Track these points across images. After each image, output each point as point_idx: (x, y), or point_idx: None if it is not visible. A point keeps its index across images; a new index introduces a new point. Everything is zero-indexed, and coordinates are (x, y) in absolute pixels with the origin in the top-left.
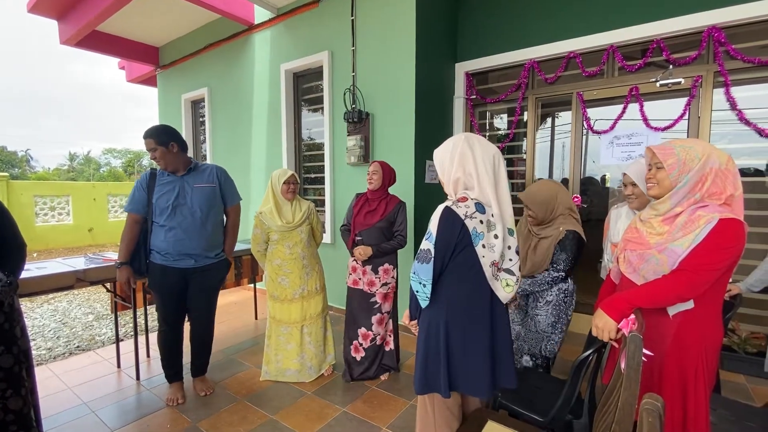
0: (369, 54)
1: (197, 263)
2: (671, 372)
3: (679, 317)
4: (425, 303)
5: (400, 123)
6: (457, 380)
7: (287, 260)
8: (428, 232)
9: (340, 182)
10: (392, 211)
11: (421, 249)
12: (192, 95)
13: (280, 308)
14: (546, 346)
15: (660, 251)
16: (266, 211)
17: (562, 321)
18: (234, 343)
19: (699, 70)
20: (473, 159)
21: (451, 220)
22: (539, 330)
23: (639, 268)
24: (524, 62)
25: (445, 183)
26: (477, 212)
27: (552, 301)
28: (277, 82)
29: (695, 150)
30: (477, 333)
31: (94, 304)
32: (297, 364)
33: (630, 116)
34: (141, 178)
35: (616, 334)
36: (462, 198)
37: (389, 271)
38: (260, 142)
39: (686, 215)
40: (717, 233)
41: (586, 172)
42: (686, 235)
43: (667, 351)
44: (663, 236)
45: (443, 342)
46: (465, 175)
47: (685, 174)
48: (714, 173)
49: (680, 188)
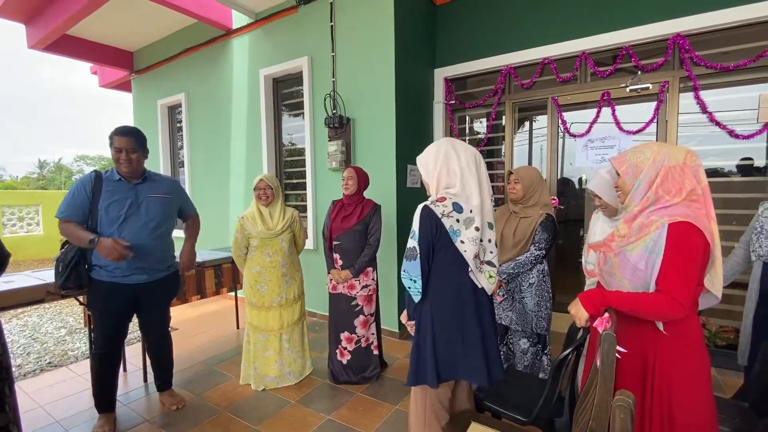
0: (349, 59)
1: (150, 277)
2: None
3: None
4: (418, 297)
5: (381, 128)
6: (447, 371)
7: (266, 268)
8: (412, 231)
9: (321, 187)
10: (368, 214)
11: (408, 247)
12: (168, 101)
13: (258, 315)
14: (536, 323)
15: (616, 254)
16: (248, 216)
17: (545, 299)
18: (215, 354)
19: (665, 76)
20: (457, 157)
21: (428, 218)
22: (528, 311)
23: (602, 269)
24: (501, 68)
25: (429, 184)
26: (454, 211)
27: (534, 283)
28: (256, 87)
29: (644, 152)
30: (464, 325)
31: (66, 318)
32: (276, 371)
33: (604, 120)
34: (83, 181)
35: (585, 324)
36: (441, 198)
37: (369, 273)
38: (240, 148)
39: (642, 218)
40: (671, 241)
41: (563, 174)
42: (638, 240)
43: (649, 349)
44: (623, 239)
45: (430, 334)
46: (449, 174)
47: (638, 176)
48: (665, 170)
49: (635, 190)
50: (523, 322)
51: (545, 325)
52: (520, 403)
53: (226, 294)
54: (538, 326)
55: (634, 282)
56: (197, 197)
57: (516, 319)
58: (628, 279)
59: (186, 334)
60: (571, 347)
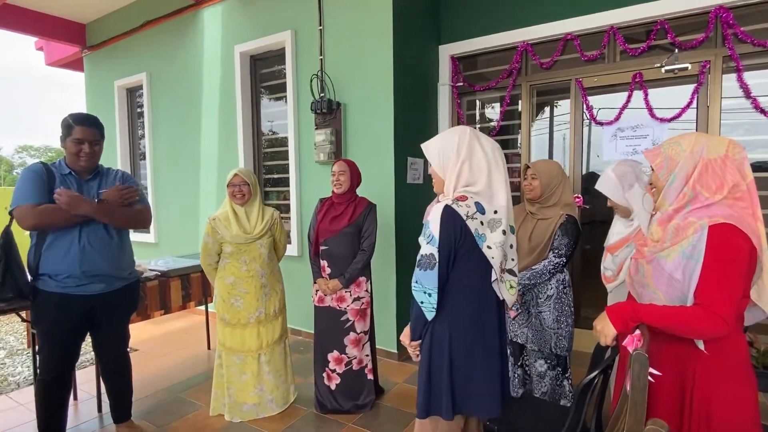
0: (339, 34)
1: (108, 287)
2: (698, 396)
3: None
4: (432, 314)
5: (377, 114)
6: (464, 400)
7: (242, 278)
8: (429, 235)
9: (307, 183)
10: (361, 215)
11: (422, 254)
12: (127, 82)
13: (232, 334)
14: (556, 342)
15: (648, 261)
16: (221, 217)
17: (566, 313)
18: (182, 379)
19: (707, 55)
20: (482, 150)
21: (451, 220)
22: (546, 327)
23: (633, 278)
24: (516, 45)
25: (444, 179)
26: (477, 212)
27: (552, 295)
28: (230, 66)
29: (681, 143)
30: (485, 345)
31: (5, 338)
32: (255, 398)
33: (635, 105)
34: (35, 170)
35: (611, 343)
36: (462, 197)
37: (362, 283)
38: (211, 137)
39: (679, 219)
40: (711, 246)
41: (589, 168)
42: (674, 245)
43: (689, 372)
44: (657, 244)
45: (447, 358)
46: (471, 169)
47: (673, 170)
48: (704, 163)
49: (670, 185)
50: (540, 340)
51: (566, 344)
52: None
53: (195, 309)
54: (557, 346)
55: (669, 294)
56: (161, 195)
57: (532, 337)
58: (663, 290)
59: (148, 356)
60: (597, 369)
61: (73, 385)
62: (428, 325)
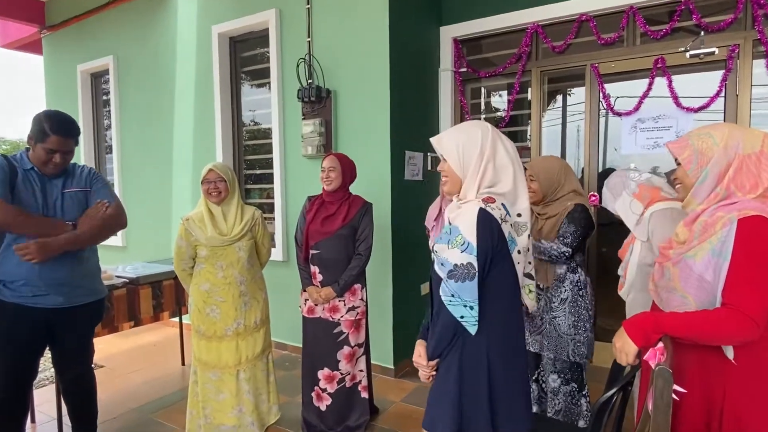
0: (329, 13)
1: (67, 301)
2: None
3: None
4: (475, 328)
5: (372, 103)
6: (504, 418)
7: (219, 285)
8: (463, 243)
9: (293, 180)
10: (356, 215)
11: (456, 264)
12: (91, 66)
13: (208, 347)
14: (573, 350)
15: (675, 263)
16: (195, 217)
17: (584, 318)
18: (153, 399)
19: (735, 38)
20: (504, 148)
21: (489, 225)
22: (561, 333)
23: (657, 283)
24: (526, 26)
25: (462, 178)
26: (507, 215)
27: (567, 299)
28: (207, 49)
29: (713, 136)
30: (520, 355)
31: None
32: (234, 419)
33: (657, 93)
34: None
35: (635, 361)
36: (490, 198)
37: (357, 291)
38: (186, 128)
39: (706, 216)
40: (740, 240)
41: (607, 163)
42: (701, 243)
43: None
44: (683, 245)
45: (485, 380)
46: (495, 168)
47: (704, 166)
48: (740, 160)
49: (701, 183)
50: (557, 347)
51: (585, 351)
52: None
53: (168, 320)
54: (576, 353)
55: (700, 297)
56: (129, 193)
57: (547, 345)
58: (693, 294)
59: (115, 373)
60: (616, 386)
61: (31, 406)
62: (455, 341)
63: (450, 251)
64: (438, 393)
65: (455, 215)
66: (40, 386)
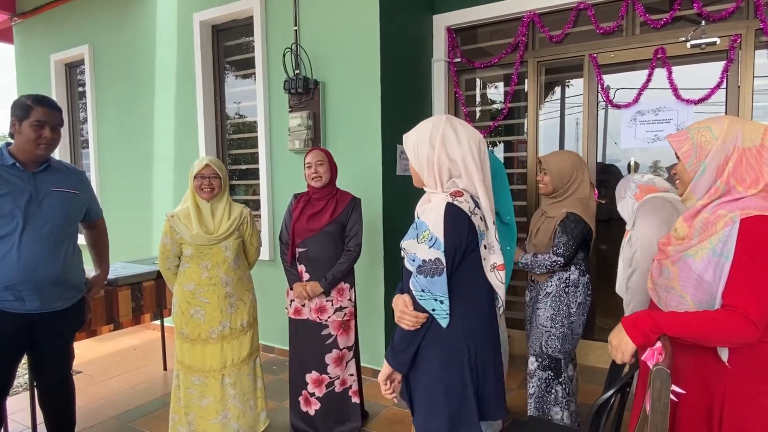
0: (317, 0)
1: (45, 305)
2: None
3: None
4: (447, 321)
5: (362, 95)
6: (488, 407)
7: (204, 285)
8: (430, 237)
9: (280, 176)
10: (344, 211)
11: (425, 260)
12: (66, 56)
13: (191, 351)
14: (546, 342)
15: (674, 261)
16: (181, 214)
17: (562, 314)
18: (133, 406)
19: (737, 28)
20: (458, 143)
21: (459, 219)
22: (538, 325)
23: (656, 282)
24: (522, 14)
25: (422, 172)
26: (476, 208)
27: (552, 293)
28: (189, 38)
29: (711, 129)
30: (495, 343)
31: None
32: (218, 426)
33: (657, 84)
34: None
35: (631, 360)
36: (458, 192)
37: (344, 291)
38: (167, 121)
39: (707, 212)
40: (743, 241)
41: (605, 157)
42: (702, 242)
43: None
44: (683, 242)
45: (468, 369)
46: (451, 161)
47: (702, 160)
48: (739, 153)
49: (699, 177)
50: (533, 337)
51: (558, 345)
52: None
53: (149, 323)
54: (548, 345)
55: (698, 297)
56: (107, 190)
57: (528, 332)
58: (691, 294)
59: (94, 379)
60: (614, 387)
61: (4, 415)
62: (431, 343)
63: (418, 246)
64: (424, 397)
65: (423, 210)
66: (13, 393)
